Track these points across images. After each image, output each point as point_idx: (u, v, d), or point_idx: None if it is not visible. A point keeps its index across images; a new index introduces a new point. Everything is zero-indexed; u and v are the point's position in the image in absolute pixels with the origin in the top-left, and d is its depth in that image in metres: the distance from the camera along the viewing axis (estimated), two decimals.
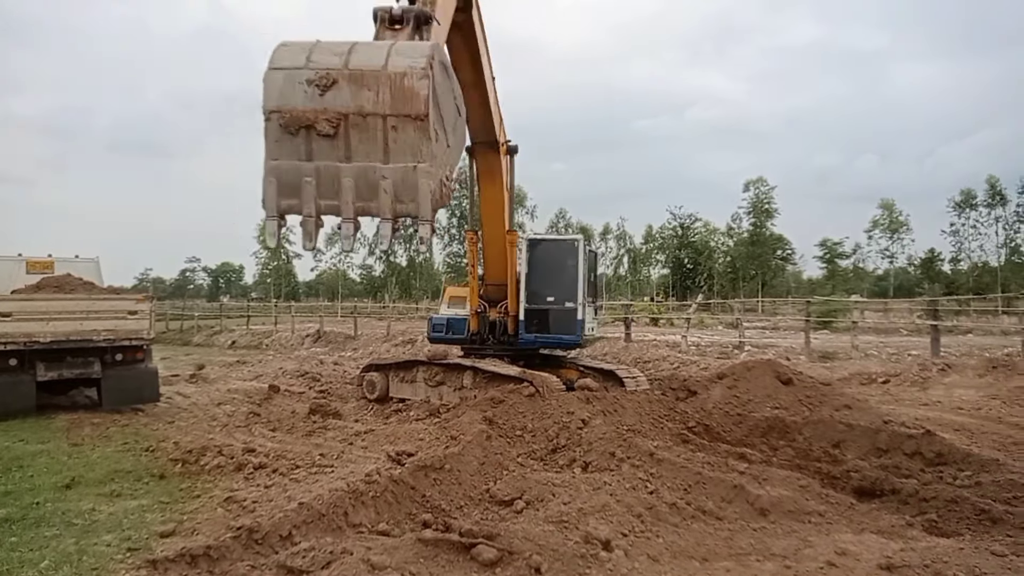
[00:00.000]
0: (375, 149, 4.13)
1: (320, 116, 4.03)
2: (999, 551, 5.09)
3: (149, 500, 6.78)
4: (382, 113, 4.10)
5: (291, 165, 4.10)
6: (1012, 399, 12.22)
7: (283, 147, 4.05)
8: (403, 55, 4.13)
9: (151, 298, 12.23)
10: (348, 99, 4.04)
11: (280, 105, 4.00)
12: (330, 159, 4.10)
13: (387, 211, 4.23)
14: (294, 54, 4.05)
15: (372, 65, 4.05)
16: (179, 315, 44.54)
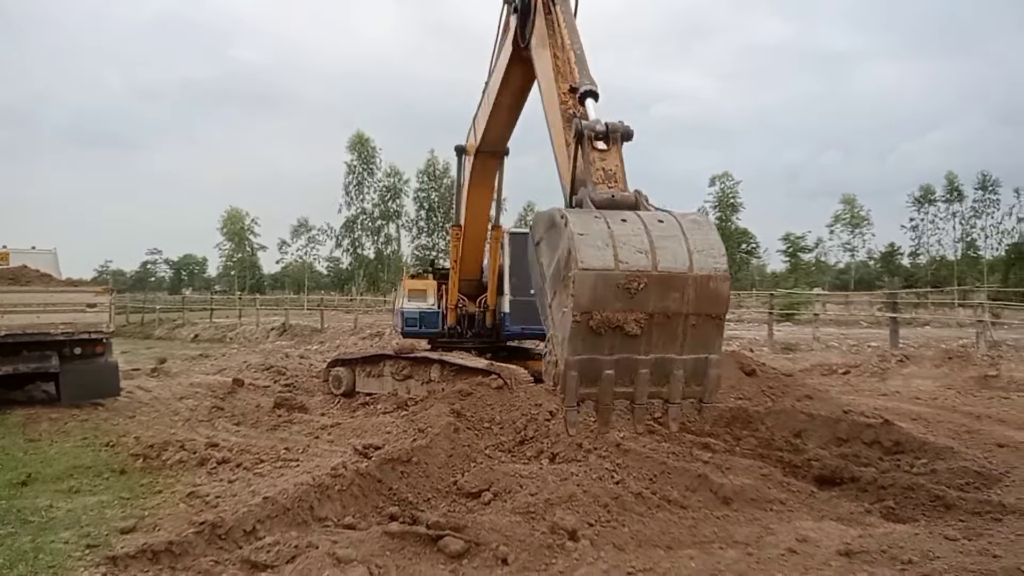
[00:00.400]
0: (673, 343, 4.29)
1: (629, 318, 4.13)
2: (952, 535, 5.24)
3: (109, 496, 6.65)
4: (685, 312, 4.24)
5: (593, 359, 4.22)
6: (967, 389, 12.60)
7: (588, 343, 4.16)
8: (704, 254, 4.24)
9: (111, 290, 11.98)
10: (657, 301, 4.15)
11: (593, 308, 4.07)
12: (629, 352, 4.25)
13: (677, 396, 4.40)
14: (599, 250, 4.08)
15: (679, 268, 4.16)
16: (140, 308, 43.68)
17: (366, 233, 68.11)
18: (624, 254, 4.09)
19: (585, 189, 4.78)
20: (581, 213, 4.38)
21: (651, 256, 4.12)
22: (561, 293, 4.27)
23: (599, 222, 4.22)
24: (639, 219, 4.31)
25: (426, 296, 12.42)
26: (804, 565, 4.63)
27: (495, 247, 11.65)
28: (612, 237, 4.13)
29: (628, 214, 4.38)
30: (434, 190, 68.63)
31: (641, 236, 4.17)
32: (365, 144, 66.36)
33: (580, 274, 4.00)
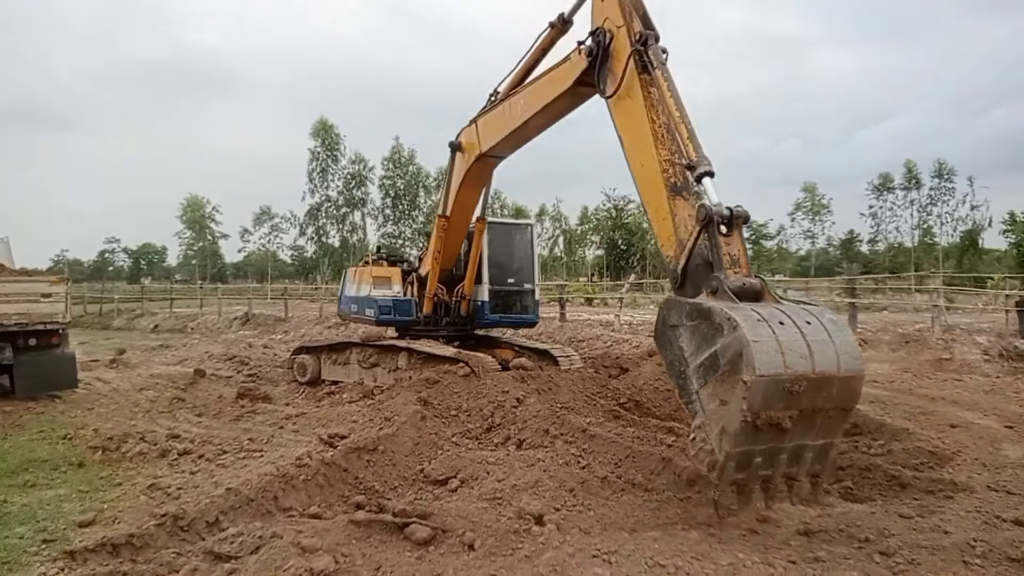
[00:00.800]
0: (810, 432, 4.71)
1: (786, 415, 4.50)
2: (906, 513, 5.41)
3: (67, 489, 6.51)
4: (827, 407, 4.67)
5: (749, 450, 4.60)
6: (922, 372, 12.95)
7: (749, 438, 4.52)
8: (848, 355, 4.64)
9: (67, 280, 11.65)
10: (809, 399, 4.53)
11: (763, 410, 4.42)
12: (776, 442, 4.64)
13: (804, 476, 4.87)
14: (771, 356, 4.39)
15: (831, 370, 4.55)
16: (98, 298, 42.60)
17: (331, 221, 67.28)
18: (790, 359, 4.43)
19: (718, 276, 5.05)
20: (744, 315, 4.58)
21: (810, 360, 4.48)
22: (720, 387, 4.57)
23: (763, 326, 4.50)
24: (793, 322, 4.64)
25: (390, 284, 12.31)
26: (764, 545, 4.73)
27: (478, 238, 11.58)
28: (779, 343, 4.44)
29: (780, 315, 4.69)
30: (400, 177, 68.05)
31: (800, 340, 4.53)
32: (329, 131, 65.46)
33: (757, 381, 4.31)
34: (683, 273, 5.46)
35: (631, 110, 6.33)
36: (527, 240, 12.67)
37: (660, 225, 5.81)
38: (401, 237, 67.87)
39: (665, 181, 5.76)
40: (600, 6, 6.79)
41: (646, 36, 6.24)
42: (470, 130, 10.03)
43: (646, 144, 6.01)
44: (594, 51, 6.75)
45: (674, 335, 5.01)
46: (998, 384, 11.82)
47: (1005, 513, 5.37)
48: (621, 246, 74.65)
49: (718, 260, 5.14)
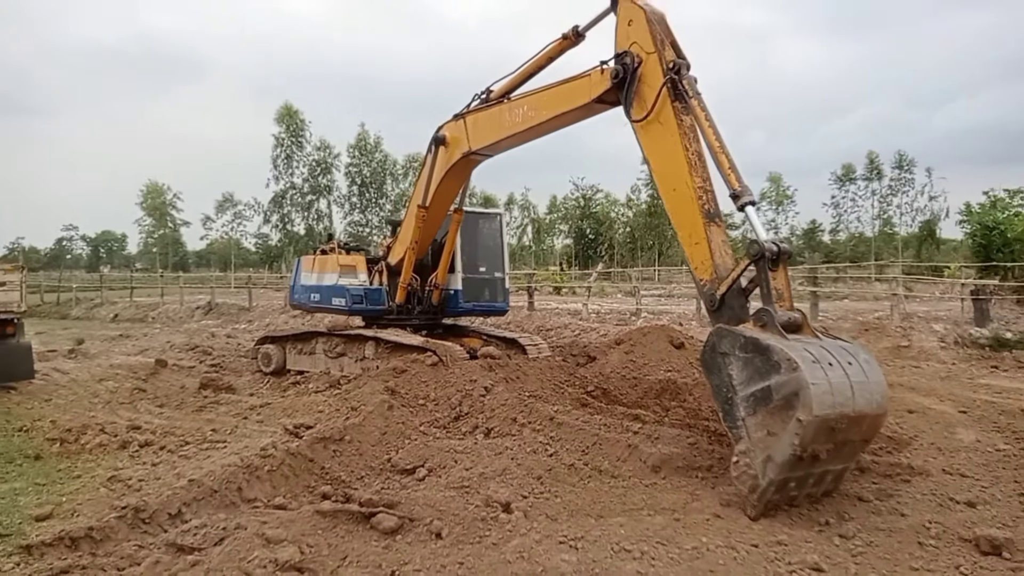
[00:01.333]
0: (836, 459, 5.11)
1: (825, 448, 4.88)
2: (865, 497, 5.54)
3: (23, 483, 6.35)
4: (856, 439, 5.13)
5: (787, 477, 4.97)
6: (881, 359, 13.19)
7: (792, 467, 4.89)
8: (878, 394, 5.10)
9: (22, 268, 11.33)
10: (845, 434, 4.93)
11: (811, 444, 4.80)
12: (809, 469, 5.03)
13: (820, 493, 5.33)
14: (825, 398, 4.75)
15: (867, 409, 4.97)
16: (55, 287, 41.55)
17: (296, 209, 66.35)
18: (838, 400, 4.81)
19: (768, 310, 5.34)
20: (801, 356, 4.87)
21: (852, 400, 4.88)
22: (770, 419, 4.96)
23: (818, 369, 4.85)
24: (839, 362, 5.00)
25: (356, 272, 12.18)
26: (728, 529, 4.81)
27: (454, 228, 11.50)
28: (831, 385, 4.81)
29: (828, 355, 5.03)
30: (366, 165, 67.33)
31: (846, 382, 4.91)
32: (293, 116, 64.42)
33: (812, 420, 4.68)
34: (722, 299, 5.76)
35: (663, 136, 6.45)
36: (496, 229, 12.70)
37: (694, 249, 6.06)
38: (368, 225, 67.26)
39: (700, 207, 5.98)
40: (626, 30, 6.77)
41: (679, 65, 6.33)
42: (457, 125, 9.86)
43: (680, 170, 6.19)
44: (620, 74, 6.76)
45: (724, 362, 5.30)
46: (954, 371, 12.16)
47: (959, 495, 5.55)
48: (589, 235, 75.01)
49: (767, 294, 5.45)
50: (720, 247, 5.94)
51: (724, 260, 5.92)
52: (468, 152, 9.65)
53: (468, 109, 9.61)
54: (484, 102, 9.35)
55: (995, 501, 5.51)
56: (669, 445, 6.57)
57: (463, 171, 10.42)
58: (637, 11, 6.63)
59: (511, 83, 8.93)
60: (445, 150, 10.21)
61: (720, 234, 6.00)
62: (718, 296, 5.77)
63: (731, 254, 6.03)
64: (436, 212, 10.98)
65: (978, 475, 6.19)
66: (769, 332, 5.20)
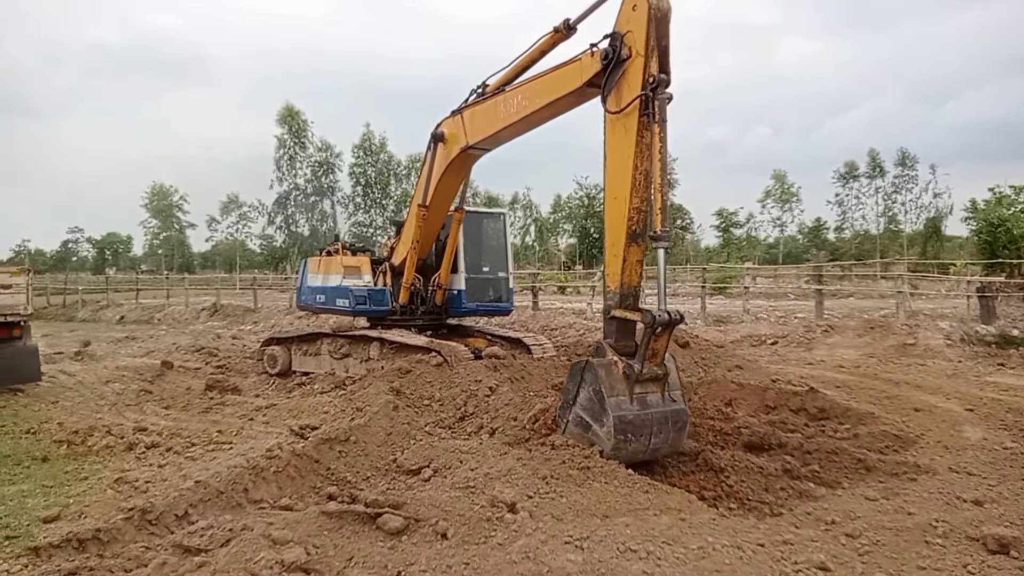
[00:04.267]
0: None
1: None
2: (871, 495, 5.54)
3: (30, 485, 6.38)
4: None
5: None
6: (887, 357, 13.23)
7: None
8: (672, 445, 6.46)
9: (28, 271, 11.38)
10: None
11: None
12: None
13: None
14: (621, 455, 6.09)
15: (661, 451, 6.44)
16: (61, 289, 41.67)
17: (300, 210, 66.46)
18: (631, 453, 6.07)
19: (634, 367, 6.11)
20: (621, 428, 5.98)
21: (645, 453, 6.14)
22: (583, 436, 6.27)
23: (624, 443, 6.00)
24: (649, 433, 6.11)
25: (360, 273, 12.19)
26: (734, 528, 4.81)
27: (455, 228, 11.50)
28: (628, 452, 6.04)
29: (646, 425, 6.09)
30: (371, 165, 67.38)
31: (644, 448, 6.11)
32: (295, 117, 64.49)
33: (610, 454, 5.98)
34: (611, 316, 6.54)
35: (622, 141, 6.52)
36: (500, 229, 12.70)
37: (611, 259, 6.63)
38: (372, 225, 67.32)
39: (628, 228, 6.40)
40: (629, 13, 6.54)
41: (659, 82, 6.25)
42: (454, 121, 9.84)
43: (624, 184, 6.44)
44: (609, 56, 6.66)
45: (581, 381, 6.34)
46: (960, 368, 12.13)
47: (965, 494, 5.53)
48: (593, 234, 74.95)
49: (643, 353, 6.14)
50: (633, 267, 6.53)
51: (631, 279, 6.54)
52: (466, 146, 9.63)
53: (465, 104, 9.61)
54: (481, 96, 9.35)
55: (1002, 499, 5.49)
56: None
57: (462, 167, 10.40)
58: (643, 3, 6.42)
59: (505, 77, 8.90)
60: (444, 147, 10.19)
61: (637, 254, 6.52)
62: (611, 311, 6.53)
63: (640, 274, 6.67)
64: (437, 211, 10.97)
65: (985, 473, 6.18)
66: (624, 384, 6.15)
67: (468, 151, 9.76)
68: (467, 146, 9.60)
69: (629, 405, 6.11)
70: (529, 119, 8.42)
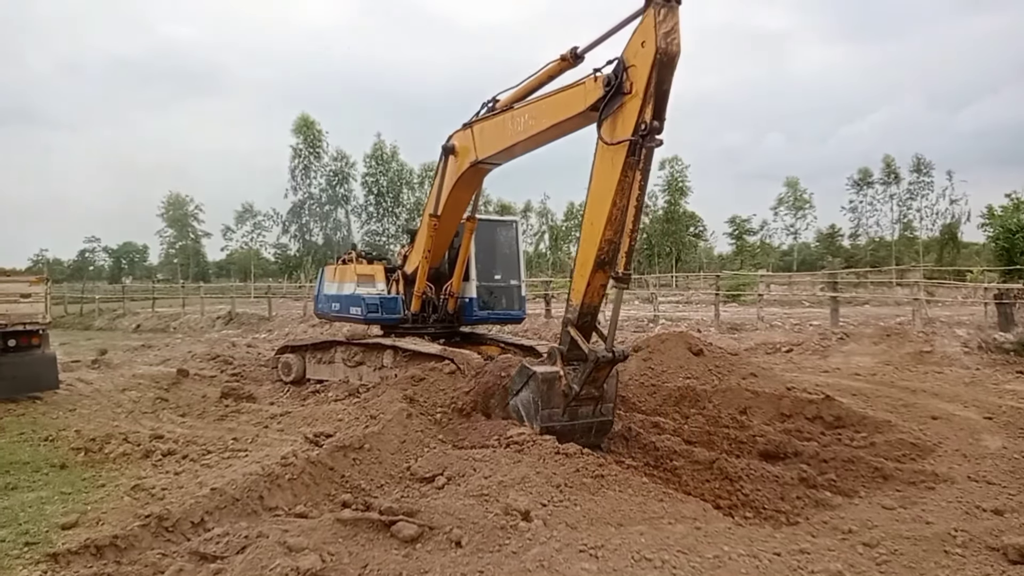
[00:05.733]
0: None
1: None
2: (889, 504, 5.48)
3: (49, 491, 6.44)
4: None
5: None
6: (903, 364, 13.10)
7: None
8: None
9: (46, 280, 11.53)
10: None
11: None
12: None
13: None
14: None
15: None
16: (79, 298, 42.14)
17: (314, 219, 66.88)
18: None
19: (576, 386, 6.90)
20: (551, 416, 7.03)
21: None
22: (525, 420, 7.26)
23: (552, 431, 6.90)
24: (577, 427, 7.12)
25: (374, 282, 12.24)
26: (750, 537, 4.77)
27: (467, 237, 11.53)
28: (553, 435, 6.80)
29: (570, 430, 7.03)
30: (382, 174, 67.72)
31: (570, 436, 6.87)
32: (311, 127, 65.01)
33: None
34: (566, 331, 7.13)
35: (607, 174, 6.61)
36: (512, 237, 12.72)
37: (578, 279, 7.07)
38: (384, 234, 67.59)
39: (597, 255, 6.73)
40: (637, 47, 6.36)
41: (650, 130, 6.23)
42: (465, 135, 9.87)
43: (601, 213, 6.66)
44: (611, 83, 6.60)
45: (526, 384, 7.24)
46: (978, 376, 11.99)
47: (985, 503, 5.46)
48: None
49: (582, 380, 6.83)
50: (596, 290, 6.95)
51: (592, 300, 6.99)
52: (475, 161, 9.66)
53: (476, 118, 9.65)
54: (491, 111, 9.39)
55: (1023, 509, 5.42)
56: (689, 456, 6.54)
57: (472, 180, 10.42)
58: (652, 44, 6.19)
59: (515, 95, 8.93)
60: (455, 159, 10.22)
61: (602, 279, 6.89)
62: (568, 328, 7.09)
63: (602, 296, 7.12)
64: (448, 221, 11.00)
65: (1005, 482, 6.09)
66: (561, 399, 7.03)
67: (478, 165, 9.79)
68: (477, 160, 9.63)
69: (560, 417, 6.99)
70: (535, 138, 8.44)
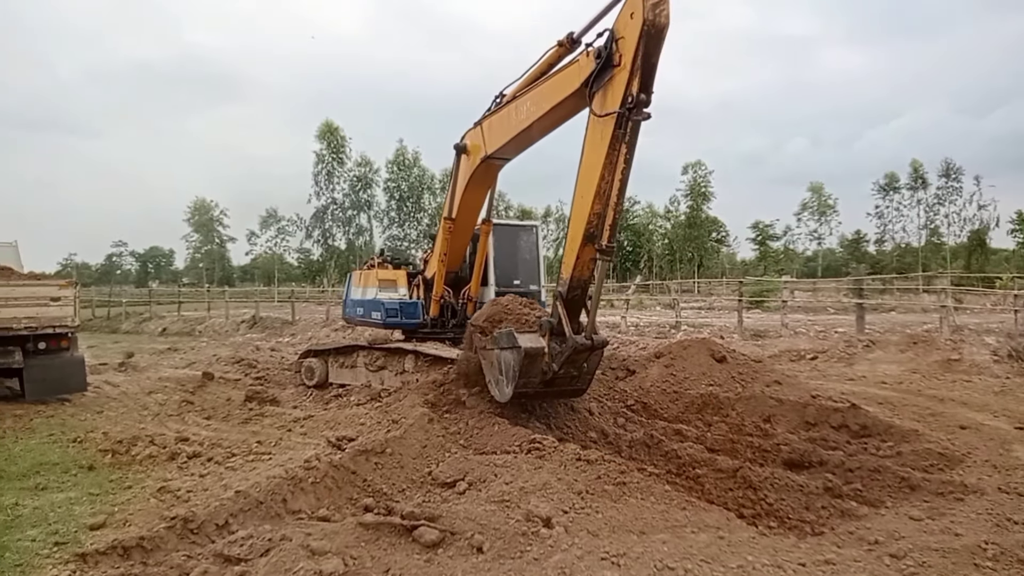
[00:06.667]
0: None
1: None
2: (916, 515, 5.39)
3: (77, 492, 6.54)
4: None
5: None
6: (931, 373, 12.88)
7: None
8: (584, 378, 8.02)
9: (75, 284, 11.72)
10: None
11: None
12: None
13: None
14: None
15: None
16: (106, 302, 42.82)
17: (337, 224, 67.38)
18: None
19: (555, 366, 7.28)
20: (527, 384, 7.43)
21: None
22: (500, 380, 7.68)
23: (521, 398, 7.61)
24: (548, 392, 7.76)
25: (396, 286, 12.30)
26: (774, 547, 4.72)
27: (484, 240, 11.56)
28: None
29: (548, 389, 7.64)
30: (404, 180, 68.10)
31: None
32: (334, 133, 65.55)
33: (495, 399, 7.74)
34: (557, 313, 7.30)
35: (596, 148, 6.73)
36: (532, 241, 12.71)
37: (568, 253, 7.17)
38: (406, 239, 67.89)
39: (586, 228, 6.85)
40: (627, 20, 6.43)
41: (636, 103, 6.31)
42: (475, 132, 9.97)
43: (590, 188, 6.78)
44: (602, 54, 6.66)
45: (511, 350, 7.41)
46: (1008, 385, 11.76)
47: (1016, 515, 5.34)
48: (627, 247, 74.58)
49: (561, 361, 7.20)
50: (585, 264, 7.06)
51: (581, 273, 7.10)
52: (486, 156, 9.72)
53: (485, 115, 9.72)
54: (498, 106, 9.46)
55: None
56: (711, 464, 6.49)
57: (485, 176, 10.43)
58: (640, 15, 6.24)
59: (519, 87, 8.98)
60: (467, 158, 10.30)
61: (590, 252, 6.97)
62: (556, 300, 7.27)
63: (590, 269, 7.13)
64: (463, 223, 11.04)
65: None
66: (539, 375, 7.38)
67: (489, 160, 9.84)
68: (487, 155, 9.69)
69: (535, 385, 7.37)
70: (539, 124, 8.46)
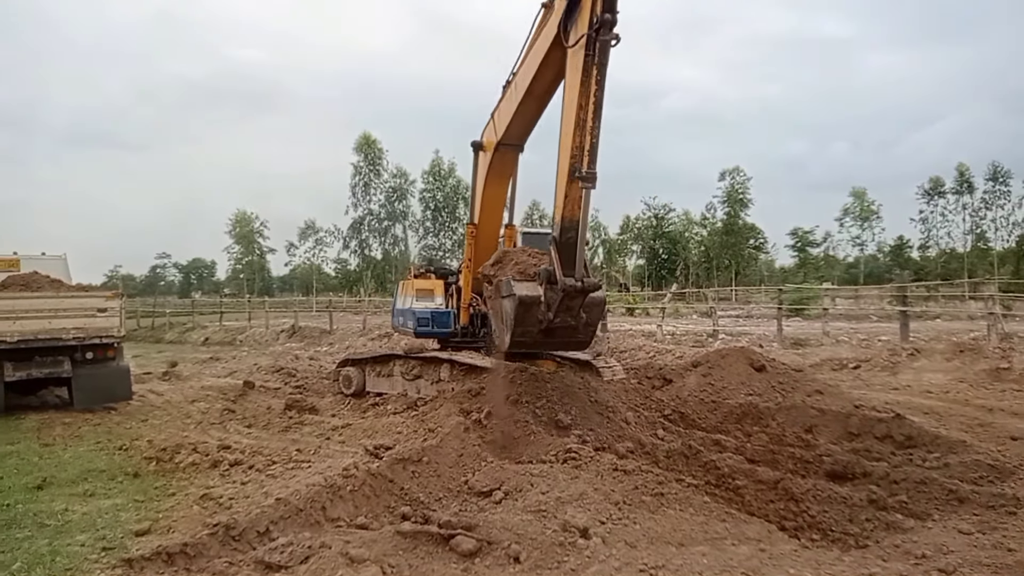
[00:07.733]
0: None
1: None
2: (966, 529, 5.23)
3: (123, 499, 6.70)
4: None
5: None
6: (979, 382, 12.51)
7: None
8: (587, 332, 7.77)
9: (121, 295, 12.04)
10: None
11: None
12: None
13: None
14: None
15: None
16: (150, 312, 43.90)
17: (373, 234, 68.25)
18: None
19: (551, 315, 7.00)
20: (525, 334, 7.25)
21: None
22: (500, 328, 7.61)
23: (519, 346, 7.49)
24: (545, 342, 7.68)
25: (433, 296, 12.36)
26: (817, 560, 4.62)
27: (508, 246, 11.57)
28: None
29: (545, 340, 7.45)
30: (439, 190, 68.69)
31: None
32: (372, 145, 66.49)
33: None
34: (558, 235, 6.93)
35: (573, 78, 6.72)
36: None
37: (557, 194, 6.96)
38: (441, 249, 68.40)
39: (571, 165, 6.63)
40: None
41: (601, 23, 6.32)
42: (489, 126, 10.08)
43: (569, 122, 6.68)
44: None
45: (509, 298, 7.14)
46: None
47: None
48: (662, 255, 74.03)
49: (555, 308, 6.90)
50: (574, 202, 6.75)
51: (571, 213, 6.78)
52: (498, 143, 9.77)
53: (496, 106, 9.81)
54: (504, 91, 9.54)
55: None
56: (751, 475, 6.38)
57: (502, 167, 10.39)
58: None
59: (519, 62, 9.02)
60: (484, 154, 10.38)
61: (577, 191, 6.67)
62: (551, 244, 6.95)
63: (581, 209, 6.73)
64: (486, 227, 11.04)
65: None
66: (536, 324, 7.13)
67: (501, 148, 9.89)
68: (499, 142, 9.75)
69: (533, 335, 7.17)
70: (534, 89, 8.42)
